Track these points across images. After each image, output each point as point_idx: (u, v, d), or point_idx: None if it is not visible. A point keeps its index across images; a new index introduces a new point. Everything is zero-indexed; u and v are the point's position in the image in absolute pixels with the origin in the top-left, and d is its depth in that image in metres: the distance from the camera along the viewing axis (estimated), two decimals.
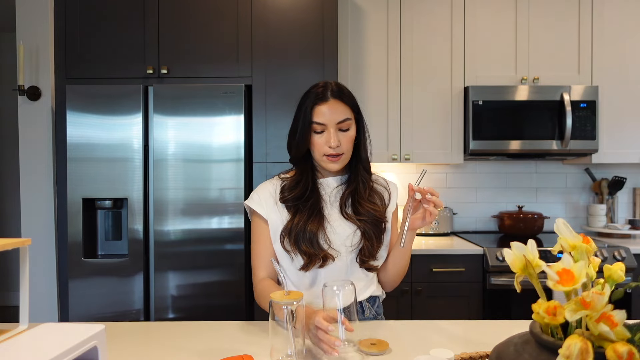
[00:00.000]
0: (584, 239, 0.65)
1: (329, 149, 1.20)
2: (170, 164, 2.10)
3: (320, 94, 1.21)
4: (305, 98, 1.23)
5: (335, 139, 1.19)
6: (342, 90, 1.23)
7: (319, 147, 1.21)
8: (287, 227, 1.22)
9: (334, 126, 1.20)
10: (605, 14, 2.60)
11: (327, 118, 1.19)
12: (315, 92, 1.22)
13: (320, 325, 0.90)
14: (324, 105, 1.20)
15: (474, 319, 1.76)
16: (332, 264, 1.21)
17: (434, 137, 2.62)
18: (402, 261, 1.28)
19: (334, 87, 1.22)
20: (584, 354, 0.52)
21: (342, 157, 1.23)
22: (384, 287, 1.35)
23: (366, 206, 1.25)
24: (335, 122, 1.20)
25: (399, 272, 1.30)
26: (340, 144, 1.21)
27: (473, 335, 1.13)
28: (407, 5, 2.60)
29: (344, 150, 1.22)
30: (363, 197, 1.26)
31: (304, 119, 1.21)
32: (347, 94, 1.23)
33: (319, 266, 1.21)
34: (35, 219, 2.33)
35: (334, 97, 1.20)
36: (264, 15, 2.23)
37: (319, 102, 1.20)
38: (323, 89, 1.21)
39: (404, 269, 1.30)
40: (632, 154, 2.61)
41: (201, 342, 1.08)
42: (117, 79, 2.21)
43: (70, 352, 0.68)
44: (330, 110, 1.19)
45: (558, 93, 2.51)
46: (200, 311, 2.08)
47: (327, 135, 1.20)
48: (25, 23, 2.33)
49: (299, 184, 1.26)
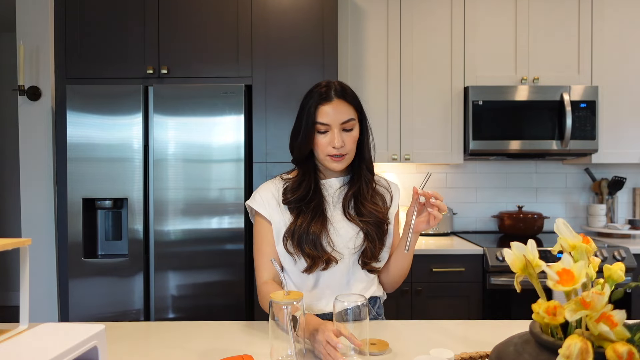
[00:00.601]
0: (584, 239, 0.65)
1: (333, 150, 1.19)
2: (170, 164, 2.10)
3: (324, 93, 1.19)
4: (308, 98, 1.22)
5: (339, 139, 1.18)
6: (346, 89, 1.22)
7: (323, 147, 1.20)
8: (290, 229, 1.21)
9: (338, 126, 1.19)
10: (605, 14, 2.60)
11: (331, 118, 1.18)
12: (318, 91, 1.20)
13: (330, 341, 0.90)
14: (327, 105, 1.18)
15: (474, 319, 1.76)
16: (334, 267, 1.21)
17: (434, 137, 2.62)
18: (404, 263, 1.27)
19: (337, 87, 1.21)
20: (584, 354, 0.52)
21: (345, 157, 1.22)
22: (384, 288, 1.34)
23: (369, 207, 1.25)
24: (340, 122, 1.19)
25: (401, 273, 1.29)
26: (344, 144, 1.19)
27: (473, 335, 1.13)
28: (407, 5, 2.60)
29: (347, 151, 1.21)
30: (366, 198, 1.26)
31: (307, 119, 1.20)
32: (350, 94, 1.22)
33: (322, 269, 1.20)
34: (35, 219, 2.33)
35: (338, 97, 1.19)
36: (264, 15, 2.23)
37: (323, 102, 1.19)
38: (327, 89, 1.20)
39: (405, 271, 1.29)
40: (632, 154, 2.61)
41: (201, 342, 1.08)
42: (117, 79, 2.21)
43: (70, 352, 0.68)
44: (334, 111, 1.18)
45: (558, 93, 2.51)
46: (200, 311, 2.08)
47: (331, 135, 1.19)
48: (25, 23, 2.33)
49: (302, 185, 1.25)
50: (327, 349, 0.90)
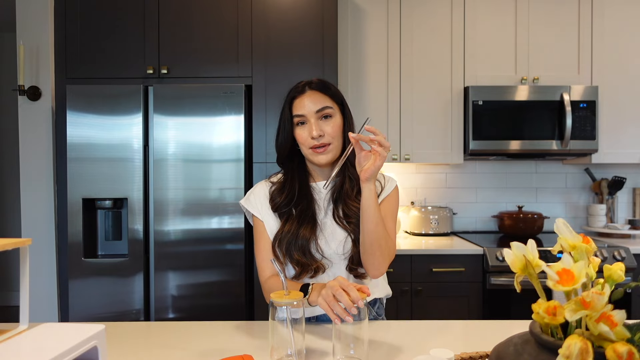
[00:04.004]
0: (584, 239, 0.65)
1: (313, 141, 1.18)
2: (171, 164, 2.10)
3: (299, 88, 1.22)
4: (286, 96, 1.24)
5: (316, 127, 1.17)
6: (323, 83, 1.22)
7: (304, 140, 1.20)
8: (278, 235, 1.20)
9: (314, 116, 1.18)
10: (605, 14, 2.60)
11: (305, 109, 1.18)
12: (294, 87, 1.23)
13: (343, 286, 0.90)
14: (302, 97, 1.20)
15: (474, 319, 1.76)
16: (321, 275, 1.19)
17: (434, 137, 2.62)
18: (370, 224, 1.10)
19: (313, 81, 1.22)
20: (584, 354, 0.52)
21: (329, 148, 1.19)
22: (369, 273, 1.18)
23: (352, 206, 1.20)
24: (314, 111, 1.18)
25: (374, 241, 1.11)
26: (324, 133, 1.18)
27: (473, 335, 1.13)
28: (407, 5, 2.60)
29: (329, 140, 1.18)
30: (350, 197, 1.21)
31: (284, 116, 1.22)
32: (327, 86, 1.22)
33: (309, 276, 1.19)
34: (35, 219, 2.33)
35: (312, 89, 1.20)
36: (264, 15, 2.23)
37: (297, 95, 1.21)
38: (303, 84, 1.22)
39: (377, 238, 1.11)
40: (632, 154, 2.61)
41: (201, 342, 1.08)
42: (117, 79, 2.21)
43: (70, 352, 0.68)
44: (308, 100, 1.19)
45: (558, 93, 2.51)
46: (200, 311, 2.08)
47: (309, 126, 1.18)
48: (25, 23, 2.32)
49: (286, 185, 1.25)
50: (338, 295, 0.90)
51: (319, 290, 1.00)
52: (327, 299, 0.93)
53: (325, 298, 0.94)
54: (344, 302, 0.90)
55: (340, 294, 0.91)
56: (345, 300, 0.90)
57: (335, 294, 0.92)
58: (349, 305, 0.89)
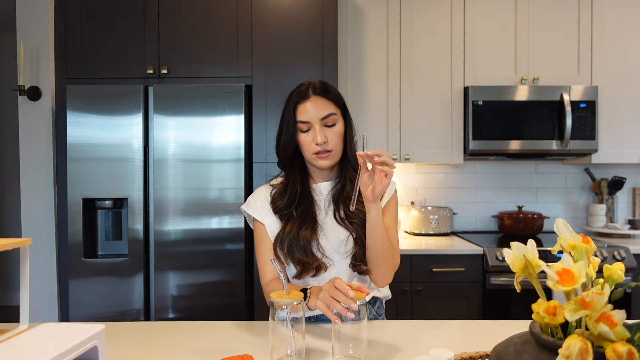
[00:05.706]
0: (584, 239, 0.65)
1: (317, 147, 1.18)
2: (171, 164, 2.10)
3: (302, 92, 1.20)
4: (288, 99, 1.23)
5: (321, 134, 1.17)
6: (326, 87, 1.21)
7: (307, 145, 1.20)
8: (279, 236, 1.21)
9: (319, 122, 1.18)
10: (605, 14, 2.60)
11: (310, 115, 1.18)
12: (297, 91, 1.21)
13: (339, 286, 0.91)
14: (306, 102, 1.19)
15: (474, 319, 1.76)
16: (324, 273, 1.20)
17: (433, 137, 2.62)
18: (376, 241, 1.14)
19: (316, 85, 1.21)
20: (584, 353, 0.52)
21: (331, 154, 1.20)
22: (375, 283, 1.23)
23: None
24: (319, 118, 1.18)
25: (380, 255, 1.16)
26: (328, 139, 1.19)
27: (473, 335, 1.13)
28: (407, 5, 2.60)
29: (332, 147, 1.20)
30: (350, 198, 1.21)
31: (288, 120, 1.21)
32: (331, 91, 1.21)
33: (311, 275, 1.19)
34: (35, 219, 2.33)
35: (317, 94, 1.19)
36: (264, 15, 2.24)
37: (302, 100, 1.19)
38: (306, 88, 1.21)
39: (384, 252, 1.15)
40: (632, 154, 2.61)
41: (201, 342, 1.08)
42: (117, 79, 2.21)
43: (70, 352, 0.68)
44: (313, 107, 1.18)
45: (558, 93, 2.51)
46: (200, 311, 2.08)
47: (313, 132, 1.18)
48: (25, 23, 2.33)
49: (288, 187, 1.25)
50: (336, 295, 0.91)
51: (316, 294, 1.00)
52: (326, 301, 0.93)
53: (323, 300, 0.94)
54: (343, 300, 0.90)
55: (337, 294, 0.91)
56: (344, 298, 0.90)
57: (333, 295, 0.92)
58: (348, 302, 0.89)
